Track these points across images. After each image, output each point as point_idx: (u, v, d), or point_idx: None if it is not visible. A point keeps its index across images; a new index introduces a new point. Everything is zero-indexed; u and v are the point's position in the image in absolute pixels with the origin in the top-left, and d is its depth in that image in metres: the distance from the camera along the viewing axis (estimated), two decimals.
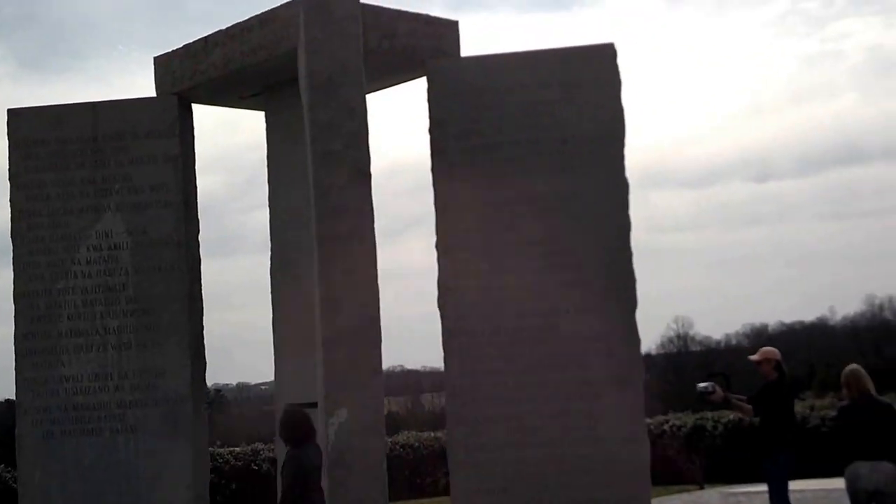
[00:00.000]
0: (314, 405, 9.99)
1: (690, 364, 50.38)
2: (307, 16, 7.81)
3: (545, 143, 9.37)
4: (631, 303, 9.25)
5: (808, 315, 77.97)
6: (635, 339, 9.29)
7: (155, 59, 10.69)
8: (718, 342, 59.58)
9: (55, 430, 10.24)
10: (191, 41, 10.31)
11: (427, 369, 52.99)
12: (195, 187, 10.63)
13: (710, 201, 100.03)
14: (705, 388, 10.98)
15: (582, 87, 9.40)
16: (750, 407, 10.98)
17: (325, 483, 8.05)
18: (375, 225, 8.52)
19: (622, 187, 9.32)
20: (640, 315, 9.30)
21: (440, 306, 9.41)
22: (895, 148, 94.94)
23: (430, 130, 9.46)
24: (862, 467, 9.46)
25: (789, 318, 74.57)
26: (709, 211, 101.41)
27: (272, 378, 11.45)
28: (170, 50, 10.56)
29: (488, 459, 9.20)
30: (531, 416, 9.20)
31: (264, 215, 13.63)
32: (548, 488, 9.10)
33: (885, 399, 10.31)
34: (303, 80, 8.02)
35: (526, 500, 9.12)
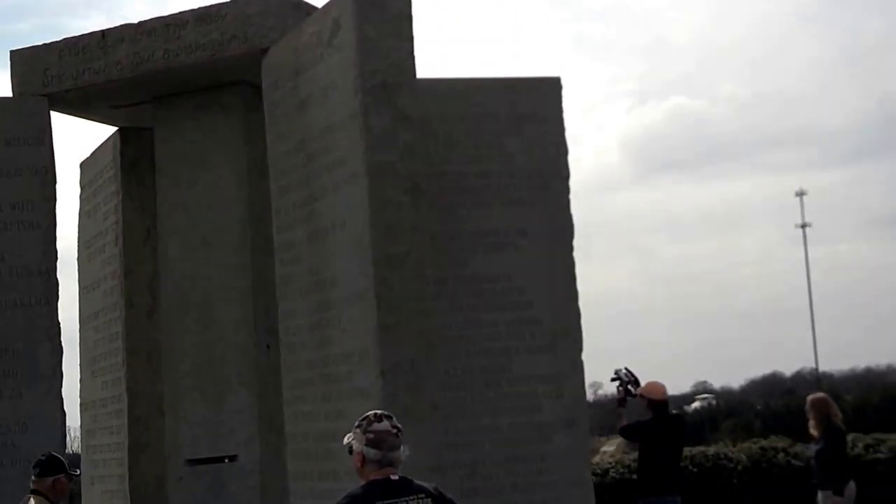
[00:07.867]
0: (221, 459, 8.84)
1: None
2: (358, 12, 6.99)
3: (493, 176, 8.96)
4: (578, 342, 9.04)
5: None
6: (581, 380, 9.09)
7: (13, 53, 8.94)
8: None
9: None
10: (76, 35, 8.76)
11: None
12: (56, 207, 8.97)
13: None
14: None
15: (527, 119, 9.08)
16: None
17: None
18: None
19: (568, 226, 9.11)
20: None
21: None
22: None
23: None
24: None
25: None
26: None
27: None
28: (40, 44, 8.87)
29: None
30: (483, 463, 8.68)
31: None
32: None
33: None
34: (349, 81, 7.13)
35: None
